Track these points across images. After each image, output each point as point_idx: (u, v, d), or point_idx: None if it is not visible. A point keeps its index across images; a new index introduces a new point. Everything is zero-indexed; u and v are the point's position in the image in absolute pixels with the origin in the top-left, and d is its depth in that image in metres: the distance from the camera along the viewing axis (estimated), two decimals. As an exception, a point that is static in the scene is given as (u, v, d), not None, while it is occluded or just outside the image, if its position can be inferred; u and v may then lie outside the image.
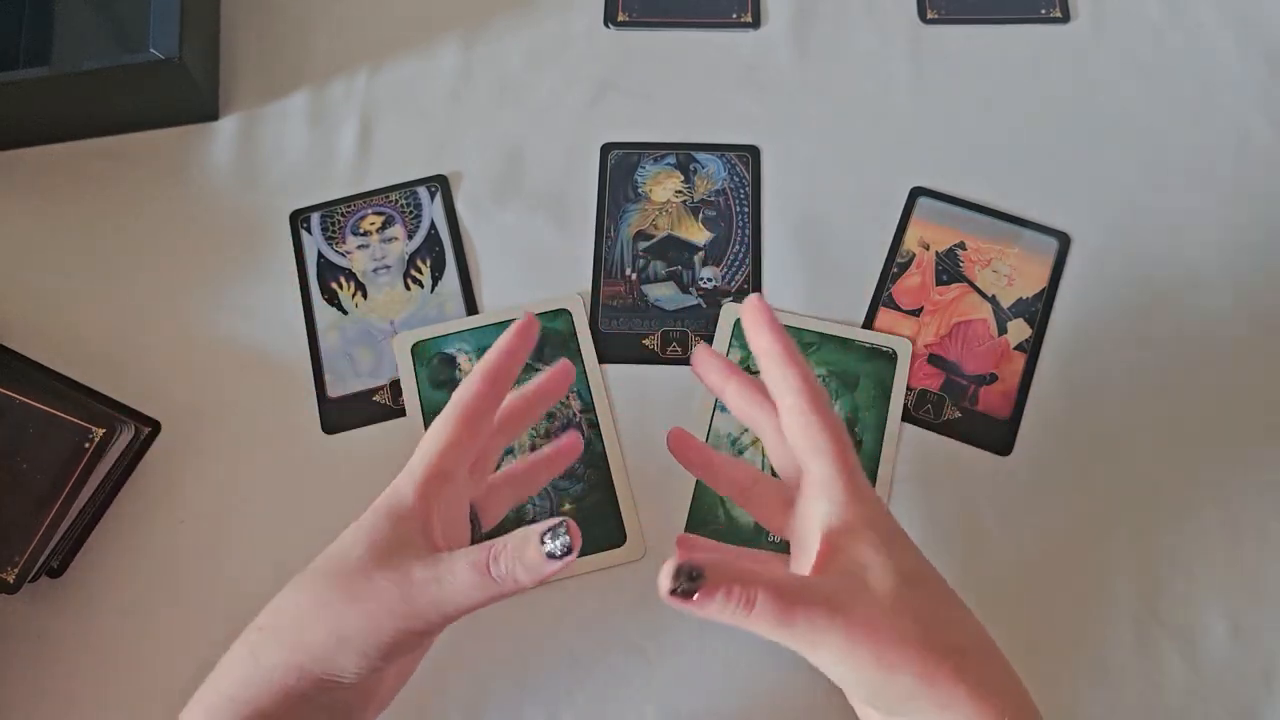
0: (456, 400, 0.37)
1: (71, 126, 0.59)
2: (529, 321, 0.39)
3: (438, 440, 0.36)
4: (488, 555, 0.33)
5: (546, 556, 0.32)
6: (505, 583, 0.33)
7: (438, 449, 0.36)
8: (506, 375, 0.38)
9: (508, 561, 0.32)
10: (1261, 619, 0.48)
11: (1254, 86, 0.59)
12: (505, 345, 0.38)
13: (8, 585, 0.46)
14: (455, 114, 0.60)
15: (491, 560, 0.33)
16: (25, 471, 0.47)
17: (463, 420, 0.36)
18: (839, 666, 0.31)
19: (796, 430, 0.36)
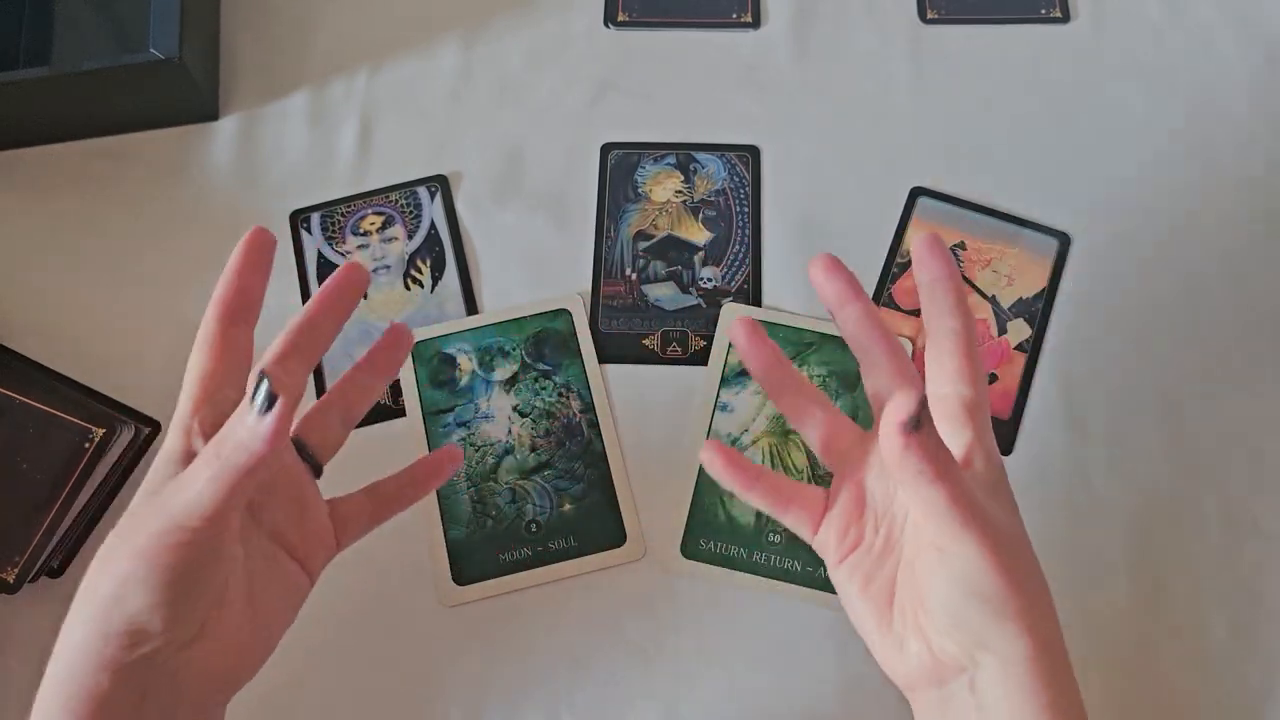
0: (200, 333, 0.37)
1: (71, 126, 0.59)
2: (257, 232, 0.39)
3: (191, 375, 0.35)
4: (213, 442, 0.32)
5: (260, 413, 0.30)
6: (238, 454, 0.31)
7: (193, 382, 0.35)
8: (242, 296, 0.38)
9: (230, 438, 0.31)
10: (1261, 619, 0.48)
11: (1254, 86, 0.59)
12: (234, 265, 0.39)
13: (8, 585, 0.46)
14: (455, 114, 0.60)
15: (218, 445, 0.31)
16: (25, 471, 0.47)
17: (210, 345, 0.36)
18: (961, 560, 0.32)
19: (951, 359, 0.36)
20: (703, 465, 0.39)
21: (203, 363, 0.36)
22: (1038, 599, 0.34)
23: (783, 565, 0.49)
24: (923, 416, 0.29)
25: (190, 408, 0.35)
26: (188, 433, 0.34)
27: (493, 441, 0.52)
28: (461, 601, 0.49)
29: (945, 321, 0.36)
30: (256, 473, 0.31)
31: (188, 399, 0.35)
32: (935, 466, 0.30)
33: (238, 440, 0.31)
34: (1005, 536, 0.33)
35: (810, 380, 0.52)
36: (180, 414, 0.35)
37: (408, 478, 0.42)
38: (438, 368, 0.53)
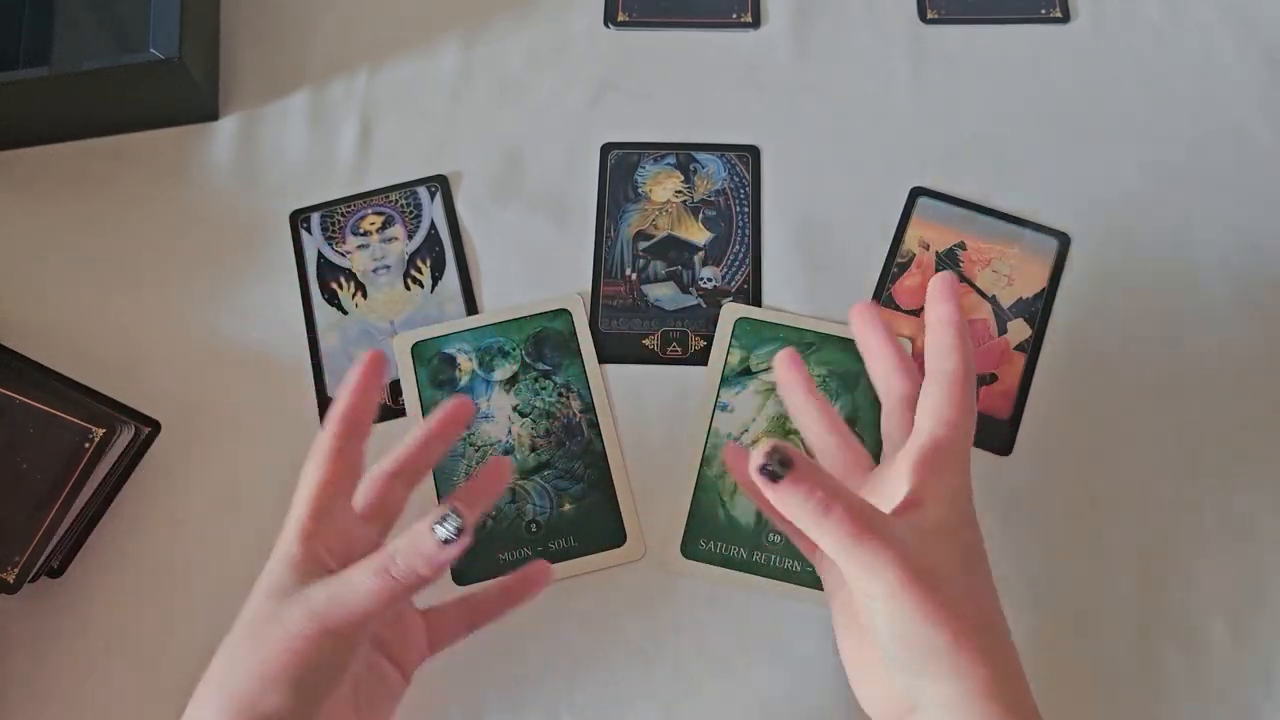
0: (317, 444, 0.39)
1: (71, 126, 0.59)
2: (376, 357, 0.40)
3: (309, 483, 0.38)
4: (384, 557, 0.34)
5: (441, 543, 0.33)
6: (408, 578, 0.34)
7: (311, 490, 0.37)
8: (359, 413, 0.39)
9: (404, 557, 0.34)
10: (1261, 619, 0.48)
11: (1254, 86, 0.59)
12: (354, 383, 0.40)
13: (8, 585, 0.46)
14: (455, 114, 0.60)
15: (389, 561, 0.34)
16: (25, 471, 0.47)
17: (329, 457, 0.38)
18: (881, 603, 0.33)
19: (935, 398, 0.38)
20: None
21: (321, 473, 0.38)
22: (980, 632, 0.34)
23: (783, 565, 0.49)
24: (779, 463, 0.31)
25: (309, 514, 0.37)
26: (310, 539, 0.36)
27: (493, 441, 0.52)
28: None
29: (943, 363, 0.38)
30: (417, 591, 0.34)
31: (305, 506, 0.37)
32: (819, 503, 0.31)
33: (415, 561, 0.33)
34: (927, 569, 0.33)
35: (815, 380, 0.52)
36: (299, 522, 0.37)
37: (499, 590, 0.45)
38: (438, 368, 0.53)
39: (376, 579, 0.34)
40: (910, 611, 0.32)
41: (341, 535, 0.38)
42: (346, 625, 0.34)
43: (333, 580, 0.35)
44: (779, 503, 0.32)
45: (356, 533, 0.39)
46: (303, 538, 0.36)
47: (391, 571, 0.34)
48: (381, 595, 0.34)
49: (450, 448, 0.42)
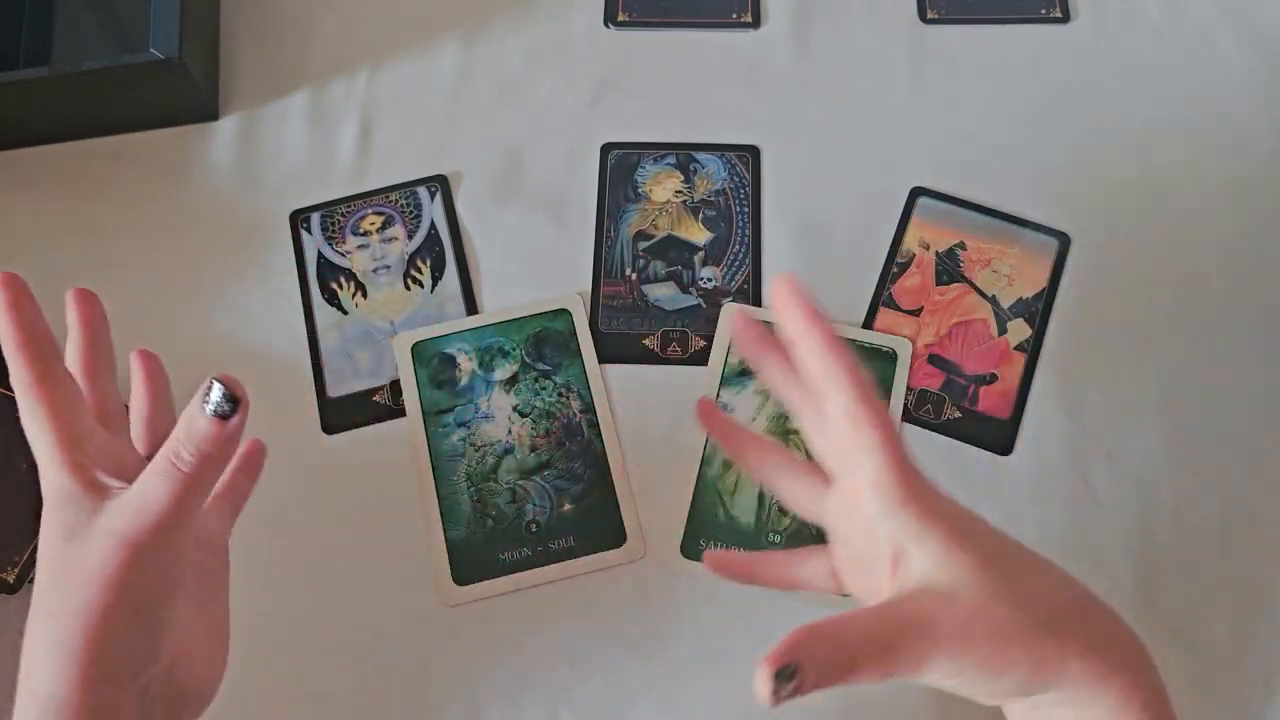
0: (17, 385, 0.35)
1: (71, 126, 0.59)
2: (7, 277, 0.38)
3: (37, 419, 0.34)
4: (168, 454, 0.31)
5: (217, 418, 0.31)
6: (200, 466, 0.31)
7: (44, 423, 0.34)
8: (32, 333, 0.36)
9: (187, 446, 0.31)
10: (1261, 619, 0.48)
11: (1254, 86, 0.59)
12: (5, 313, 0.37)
13: (8, 585, 0.46)
14: (455, 114, 0.60)
15: (174, 456, 0.31)
16: (25, 471, 0.47)
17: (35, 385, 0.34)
18: (951, 681, 0.31)
19: (844, 431, 0.34)
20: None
21: (41, 403, 0.34)
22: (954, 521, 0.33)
23: (783, 565, 0.49)
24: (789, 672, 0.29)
25: (59, 443, 0.33)
26: (77, 469, 0.33)
27: (493, 441, 0.52)
28: (461, 601, 0.49)
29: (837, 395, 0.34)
30: (215, 476, 0.32)
31: (48, 439, 0.34)
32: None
33: (200, 445, 0.31)
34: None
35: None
36: (52, 456, 0.33)
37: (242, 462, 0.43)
38: (438, 368, 0.53)
39: (168, 480, 0.31)
40: (978, 673, 0.31)
41: (109, 455, 0.34)
42: (159, 536, 0.31)
43: (124, 497, 0.32)
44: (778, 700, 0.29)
45: (126, 452, 0.36)
46: (69, 468, 0.33)
47: (180, 466, 0.31)
48: (180, 494, 0.31)
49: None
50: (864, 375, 0.34)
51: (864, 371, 0.34)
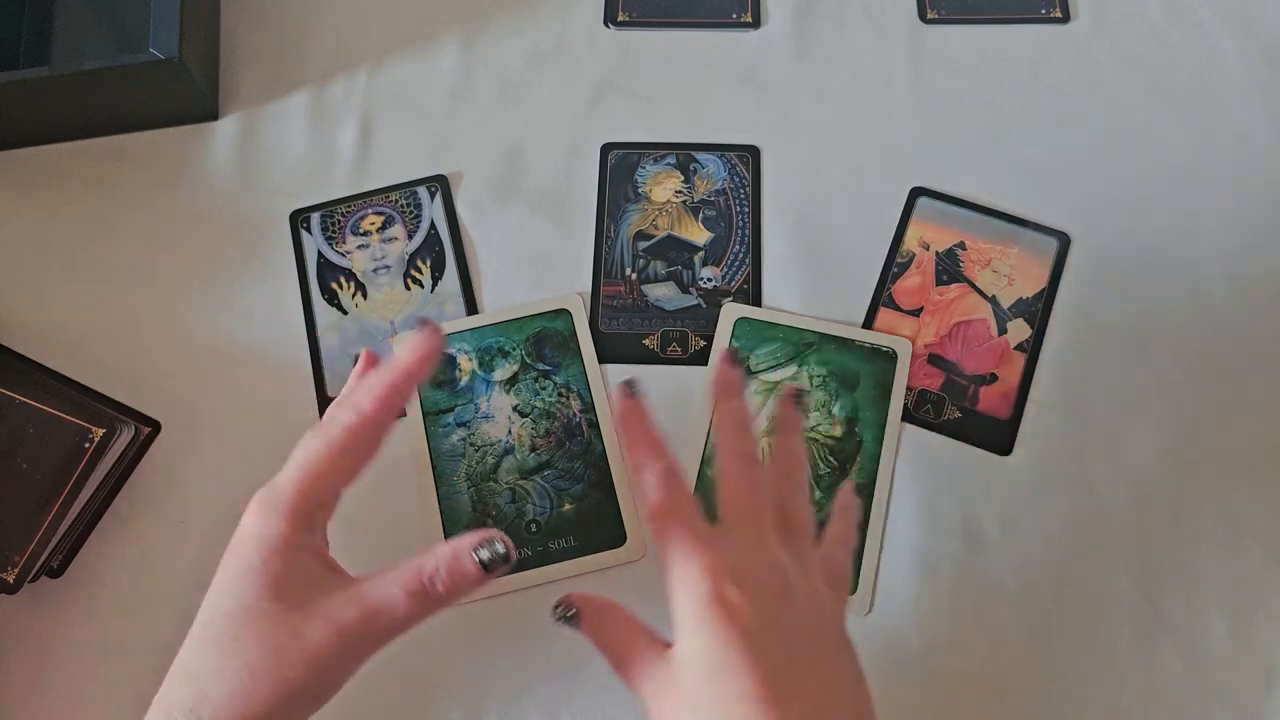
0: (339, 421, 0.36)
1: (71, 126, 0.59)
2: (432, 332, 0.37)
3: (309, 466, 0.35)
4: (424, 576, 0.33)
5: (484, 569, 0.34)
6: (445, 596, 0.33)
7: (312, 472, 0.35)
8: (403, 399, 0.37)
9: (447, 580, 0.33)
10: (1261, 619, 0.48)
11: (1254, 86, 0.59)
12: (407, 366, 0.37)
13: (8, 585, 0.46)
14: (455, 114, 0.60)
15: (430, 581, 0.33)
16: (25, 471, 0.47)
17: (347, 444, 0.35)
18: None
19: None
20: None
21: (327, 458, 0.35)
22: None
23: (783, 565, 0.49)
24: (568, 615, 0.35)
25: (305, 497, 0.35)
26: (310, 529, 0.34)
27: (493, 441, 0.52)
28: (461, 601, 0.49)
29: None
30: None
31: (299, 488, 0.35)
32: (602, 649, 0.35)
33: (457, 584, 0.33)
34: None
35: (814, 380, 0.53)
36: (287, 505, 0.34)
37: None
38: (438, 368, 0.53)
39: (413, 599, 0.33)
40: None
41: (328, 508, 0.36)
42: (374, 644, 0.33)
43: (362, 594, 0.33)
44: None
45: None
46: (303, 523, 0.34)
47: (430, 594, 0.33)
48: (418, 615, 0.33)
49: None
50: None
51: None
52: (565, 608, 0.36)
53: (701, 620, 0.32)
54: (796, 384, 0.42)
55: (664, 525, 0.34)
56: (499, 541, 0.34)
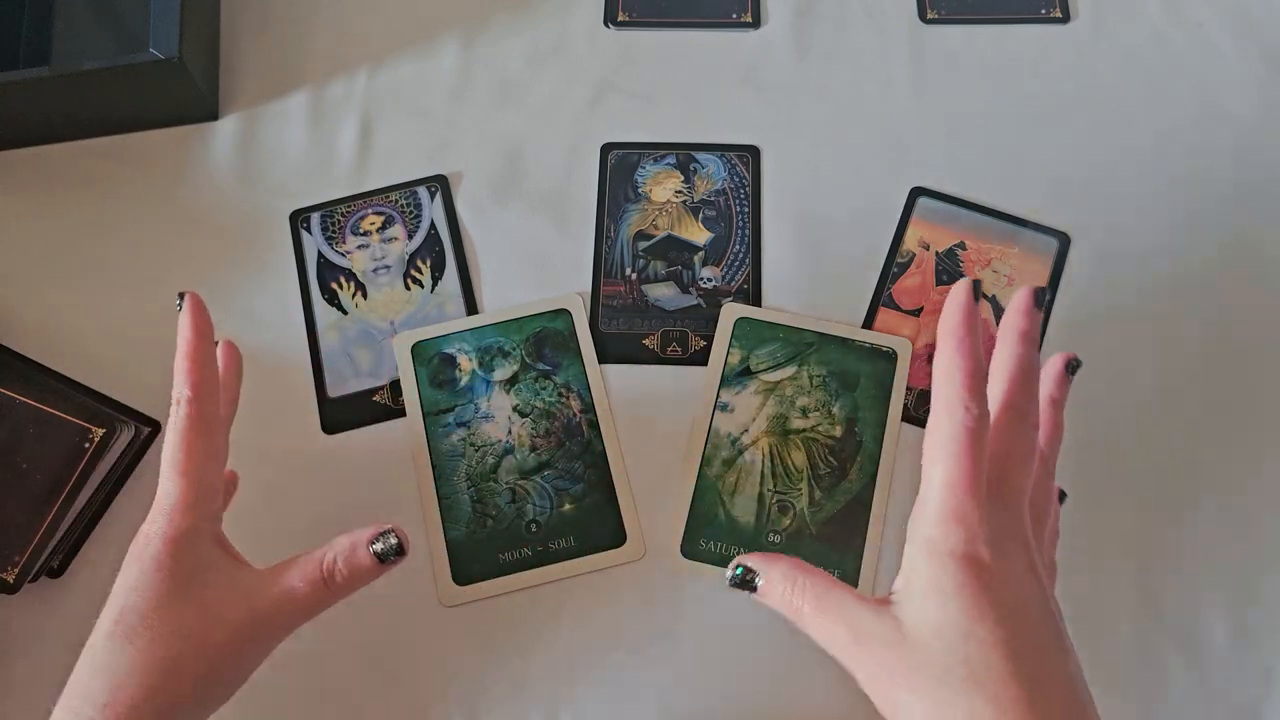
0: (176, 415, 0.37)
1: (71, 126, 0.59)
2: (192, 301, 0.39)
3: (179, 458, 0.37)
4: (325, 567, 0.36)
5: (378, 559, 0.37)
6: (345, 586, 0.37)
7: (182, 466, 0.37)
8: (210, 356, 0.39)
9: (345, 572, 0.36)
10: (1261, 619, 0.48)
11: (1254, 86, 0.59)
12: (192, 327, 0.39)
13: (8, 585, 0.46)
14: (455, 114, 0.60)
15: (330, 573, 0.36)
16: (25, 471, 0.47)
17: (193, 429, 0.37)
18: (866, 691, 0.32)
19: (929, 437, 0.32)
20: None
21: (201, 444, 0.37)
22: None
23: (783, 565, 0.49)
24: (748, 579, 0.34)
25: (192, 488, 0.36)
26: (209, 519, 0.37)
27: (493, 441, 0.52)
28: (461, 601, 0.49)
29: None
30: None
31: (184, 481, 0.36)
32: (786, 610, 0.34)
33: (356, 576, 0.37)
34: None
35: (815, 380, 0.53)
36: (183, 498, 0.36)
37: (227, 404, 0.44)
38: (438, 368, 0.53)
39: (315, 588, 0.36)
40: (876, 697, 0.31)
41: (219, 519, 0.38)
42: (280, 632, 0.36)
43: (270, 580, 0.36)
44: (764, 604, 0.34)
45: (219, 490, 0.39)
46: (200, 516, 0.36)
47: (330, 584, 0.36)
48: (317, 603, 0.36)
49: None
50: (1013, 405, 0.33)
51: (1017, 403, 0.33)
52: (741, 571, 0.34)
53: (960, 586, 0.30)
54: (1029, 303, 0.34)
55: (957, 479, 0.31)
56: (393, 534, 0.37)
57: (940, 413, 0.31)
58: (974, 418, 0.31)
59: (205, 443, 0.37)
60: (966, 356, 0.31)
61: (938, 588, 0.30)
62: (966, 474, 0.30)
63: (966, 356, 0.31)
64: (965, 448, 0.30)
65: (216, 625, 0.34)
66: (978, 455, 0.31)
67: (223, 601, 0.35)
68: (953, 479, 0.30)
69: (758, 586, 0.34)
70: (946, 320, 0.32)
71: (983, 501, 0.31)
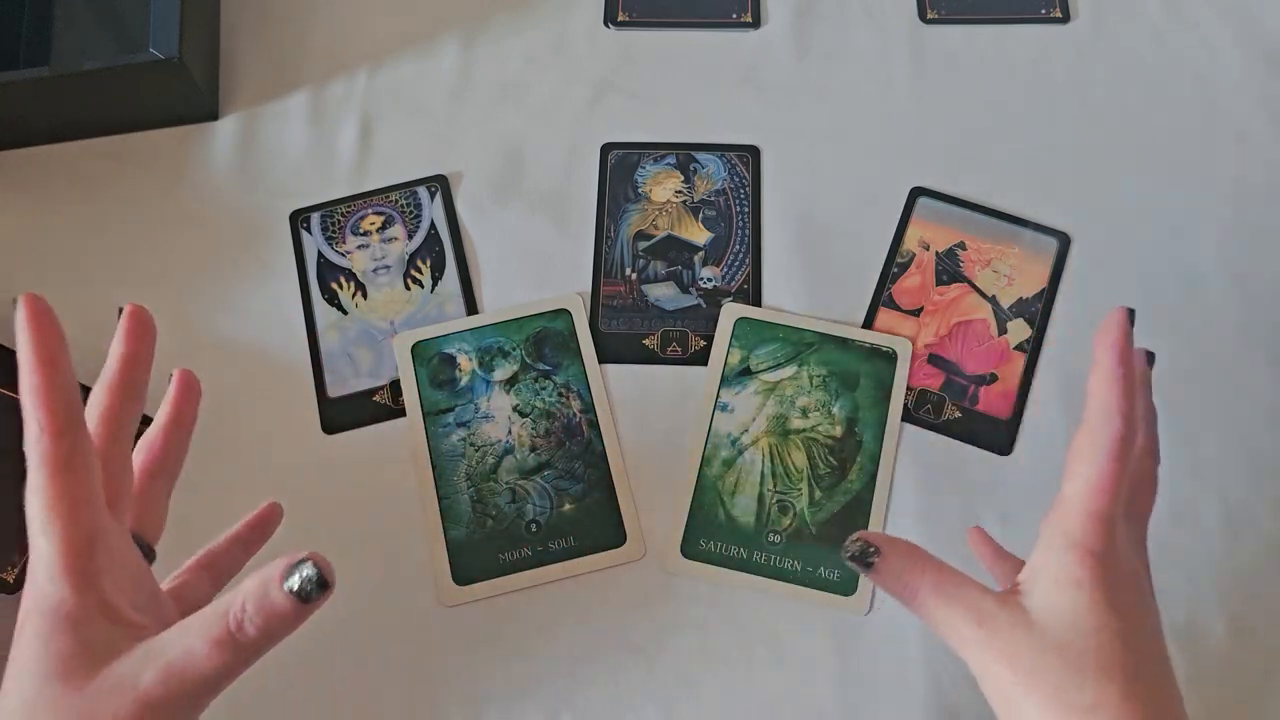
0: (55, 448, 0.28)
1: (71, 126, 0.59)
2: (136, 311, 0.34)
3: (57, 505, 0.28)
4: (229, 621, 0.27)
5: (298, 599, 0.27)
6: (258, 640, 0.27)
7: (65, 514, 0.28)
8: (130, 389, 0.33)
9: (256, 620, 0.27)
10: (1261, 619, 0.48)
11: (1254, 86, 0.59)
12: (121, 353, 0.33)
13: (8, 585, 0.46)
14: (455, 114, 0.60)
15: (236, 625, 0.27)
16: (25, 471, 0.47)
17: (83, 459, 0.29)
18: (977, 675, 0.32)
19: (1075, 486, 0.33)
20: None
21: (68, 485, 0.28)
22: None
23: (782, 565, 0.49)
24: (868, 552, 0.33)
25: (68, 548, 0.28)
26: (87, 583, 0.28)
27: (493, 441, 0.52)
28: (461, 601, 0.49)
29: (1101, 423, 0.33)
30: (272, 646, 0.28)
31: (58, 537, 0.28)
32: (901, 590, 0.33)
33: (270, 624, 0.27)
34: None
35: (815, 380, 0.53)
36: (56, 560, 0.28)
37: (238, 542, 0.40)
38: (438, 368, 0.53)
39: (219, 649, 0.27)
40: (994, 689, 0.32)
41: (121, 561, 0.30)
42: (185, 708, 0.27)
43: (158, 650, 0.27)
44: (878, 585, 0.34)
45: (134, 558, 0.31)
46: (75, 581, 0.27)
47: (240, 639, 0.27)
48: (230, 668, 0.27)
49: (189, 429, 0.37)
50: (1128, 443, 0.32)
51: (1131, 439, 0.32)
52: (860, 546, 0.33)
53: (1096, 578, 0.31)
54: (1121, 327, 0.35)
55: (1102, 481, 0.32)
56: (310, 563, 0.27)
57: (1095, 418, 0.33)
58: (1128, 429, 0.32)
59: (75, 481, 0.28)
60: (1127, 372, 0.33)
61: (1073, 580, 0.31)
62: (1115, 480, 0.32)
63: (1127, 372, 0.33)
64: (1117, 455, 0.32)
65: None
66: (1125, 466, 0.32)
67: (106, 691, 0.27)
68: (1102, 483, 0.32)
69: (873, 563, 0.33)
70: (1108, 334, 0.34)
71: (1121, 511, 0.32)
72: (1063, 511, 0.33)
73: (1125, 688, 0.31)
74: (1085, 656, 0.31)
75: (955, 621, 0.32)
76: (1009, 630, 0.31)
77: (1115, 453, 0.32)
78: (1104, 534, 0.32)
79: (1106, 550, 0.32)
